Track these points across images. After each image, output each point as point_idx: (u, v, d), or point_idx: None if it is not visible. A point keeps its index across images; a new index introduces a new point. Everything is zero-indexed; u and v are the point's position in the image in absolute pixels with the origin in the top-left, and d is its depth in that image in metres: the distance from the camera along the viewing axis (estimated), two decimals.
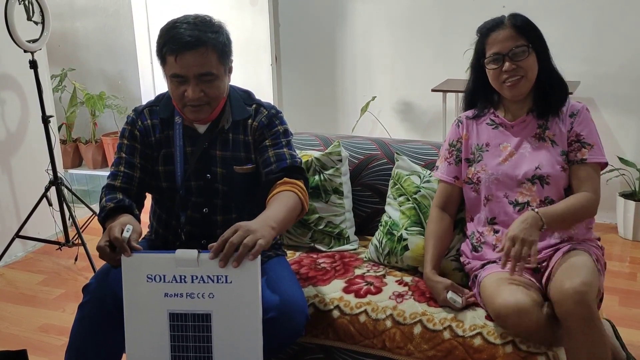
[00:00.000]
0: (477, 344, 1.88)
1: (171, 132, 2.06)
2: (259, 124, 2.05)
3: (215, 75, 1.93)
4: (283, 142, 2.05)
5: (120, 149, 2.08)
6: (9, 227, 3.67)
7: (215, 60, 1.92)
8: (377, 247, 2.31)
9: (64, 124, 4.92)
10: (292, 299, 1.89)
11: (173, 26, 1.91)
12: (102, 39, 4.99)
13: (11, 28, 3.25)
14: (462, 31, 4.10)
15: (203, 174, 2.04)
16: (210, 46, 1.89)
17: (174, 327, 1.74)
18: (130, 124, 2.09)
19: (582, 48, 3.81)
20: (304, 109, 4.69)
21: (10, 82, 3.69)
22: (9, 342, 2.76)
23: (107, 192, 2.02)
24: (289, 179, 1.97)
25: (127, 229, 1.75)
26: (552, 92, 2.05)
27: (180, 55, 1.87)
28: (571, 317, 1.73)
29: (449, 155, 2.18)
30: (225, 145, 2.05)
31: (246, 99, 2.11)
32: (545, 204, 1.99)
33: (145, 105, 2.13)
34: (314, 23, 4.58)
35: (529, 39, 2.00)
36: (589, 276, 1.77)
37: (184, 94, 1.92)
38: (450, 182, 2.16)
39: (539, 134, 2.05)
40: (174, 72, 1.91)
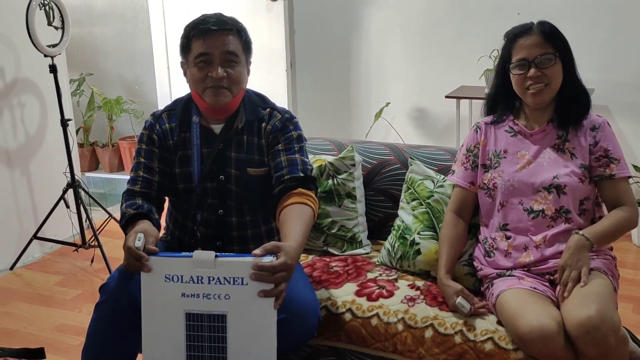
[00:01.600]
0: (488, 349, 1.89)
1: (188, 134, 2.09)
2: (272, 128, 2.09)
3: (239, 59, 2.02)
4: (295, 148, 2.08)
5: (139, 153, 2.12)
6: (27, 228, 3.72)
7: (240, 46, 2.03)
8: (389, 251, 2.33)
9: (81, 128, 4.99)
10: (304, 300, 1.91)
11: (199, 18, 2.03)
12: (120, 45, 5.05)
13: (32, 33, 3.31)
14: (476, 38, 4.13)
15: (217, 175, 2.08)
16: (235, 32, 2.02)
17: (190, 327, 1.77)
18: (148, 129, 2.12)
19: (596, 55, 3.81)
20: (318, 114, 4.71)
21: (31, 86, 3.76)
22: (27, 342, 2.80)
23: (127, 198, 2.06)
24: (304, 190, 2.00)
25: (139, 238, 1.78)
26: (574, 104, 2.05)
27: (208, 36, 1.98)
28: (585, 351, 1.72)
29: (465, 160, 2.18)
30: (239, 147, 2.08)
31: (260, 102, 2.15)
32: (560, 214, 2.00)
33: (163, 109, 2.17)
34: (329, 30, 4.61)
35: (557, 47, 2.00)
36: (604, 305, 1.74)
37: (207, 76, 2.00)
38: (465, 187, 2.17)
39: (558, 144, 2.05)
40: (200, 52, 1.99)
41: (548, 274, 1.98)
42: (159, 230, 2.02)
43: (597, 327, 1.69)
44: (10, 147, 3.65)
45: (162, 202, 2.15)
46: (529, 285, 1.93)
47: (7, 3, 3.53)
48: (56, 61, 3.49)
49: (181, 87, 2.13)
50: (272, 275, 1.70)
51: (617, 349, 1.73)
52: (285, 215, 1.94)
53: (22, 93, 3.71)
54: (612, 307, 1.79)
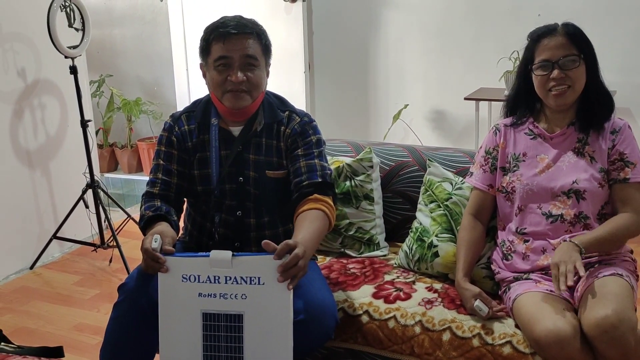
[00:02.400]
0: (506, 353, 1.87)
1: (207, 136, 2.10)
2: (291, 131, 2.09)
3: (258, 62, 2.02)
4: (315, 153, 2.08)
5: (158, 155, 2.13)
6: (47, 228, 3.76)
7: (259, 49, 2.03)
8: (407, 254, 2.32)
9: (101, 129, 5.03)
10: (322, 302, 1.91)
11: (219, 22, 2.03)
12: (139, 47, 5.09)
13: (53, 34, 3.34)
14: (496, 40, 4.10)
15: (236, 177, 2.08)
16: (255, 35, 2.01)
17: (207, 327, 1.77)
18: (167, 131, 2.13)
19: (618, 57, 3.77)
20: (337, 116, 4.71)
21: (51, 87, 3.79)
22: (45, 340, 2.82)
23: (146, 200, 2.08)
24: (319, 196, 2.00)
25: (155, 239, 1.79)
26: (597, 107, 2.01)
27: (228, 39, 1.98)
28: (604, 351, 1.70)
29: (484, 163, 2.16)
30: (258, 150, 2.08)
31: (279, 104, 2.15)
32: (579, 219, 1.97)
33: (182, 111, 2.18)
34: (348, 31, 4.61)
35: (581, 49, 1.98)
36: (621, 305, 1.72)
37: (226, 79, 2.00)
38: (484, 189, 2.15)
39: (578, 148, 2.02)
40: (220, 55, 1.99)
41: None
42: (178, 231, 2.03)
43: (615, 326, 1.67)
44: (31, 148, 3.69)
45: (181, 203, 2.16)
46: (545, 289, 1.91)
47: (28, 4, 3.57)
48: (76, 62, 3.52)
49: (200, 88, 2.14)
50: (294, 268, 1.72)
51: (637, 349, 1.70)
52: (298, 221, 1.96)
53: (42, 94, 3.74)
54: (630, 307, 1.76)
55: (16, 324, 3.04)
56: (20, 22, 3.57)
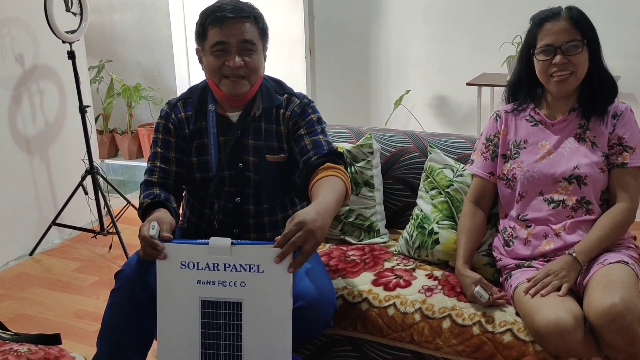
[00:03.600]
0: (506, 341, 1.86)
1: (204, 122, 2.07)
2: (291, 114, 2.06)
3: (256, 47, 1.98)
4: (318, 130, 2.05)
5: (156, 143, 2.11)
6: (46, 215, 3.75)
7: (257, 34, 1.98)
8: (407, 241, 2.30)
9: (101, 115, 5.00)
10: (320, 289, 1.89)
11: (216, 6, 1.98)
12: (139, 32, 5.05)
13: (50, 19, 3.31)
14: (498, 25, 4.06)
15: (235, 163, 2.06)
16: (252, 19, 1.97)
17: (205, 315, 1.76)
18: (164, 118, 2.11)
19: (622, 43, 3.73)
20: (338, 102, 4.68)
21: (49, 73, 3.77)
22: (45, 327, 2.82)
23: (144, 189, 2.06)
24: (332, 164, 1.96)
25: (152, 227, 1.77)
26: (600, 93, 1.99)
27: (224, 24, 1.94)
28: (610, 340, 1.68)
29: (485, 150, 2.14)
30: (257, 134, 2.06)
31: (277, 88, 2.12)
32: (581, 205, 1.95)
33: (178, 97, 2.15)
34: (349, 16, 4.57)
35: (584, 34, 1.94)
36: (628, 293, 1.69)
37: (223, 64, 1.96)
38: (485, 177, 2.13)
39: (579, 134, 2.00)
40: (217, 40, 1.95)
41: None
42: (177, 218, 2.01)
43: (622, 315, 1.64)
44: (30, 134, 3.67)
45: (181, 191, 2.14)
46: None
47: None
48: (74, 47, 3.49)
49: (200, 73, 2.10)
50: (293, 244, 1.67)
51: None
52: (315, 188, 1.89)
53: (40, 79, 3.72)
54: (636, 295, 1.73)
55: (15, 311, 3.04)
56: (17, 6, 3.53)
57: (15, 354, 1.70)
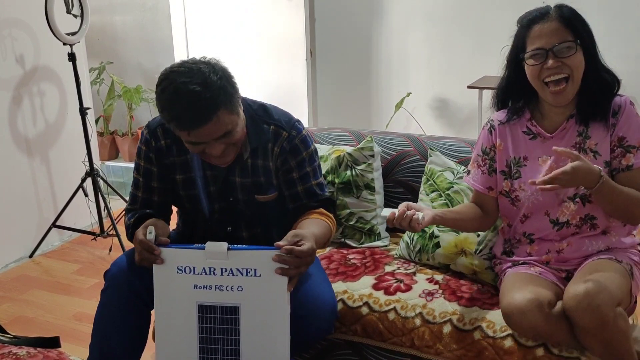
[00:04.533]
0: (507, 346, 1.85)
1: (189, 155, 1.95)
2: (280, 150, 1.94)
3: (232, 129, 1.79)
4: (310, 173, 1.99)
5: (138, 170, 2.02)
6: (46, 217, 3.74)
7: (228, 117, 1.76)
8: (408, 244, 2.29)
9: (101, 117, 5.00)
10: (321, 297, 1.89)
11: (175, 98, 1.72)
12: (140, 33, 5.05)
13: (51, 21, 3.31)
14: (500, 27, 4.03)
15: (226, 197, 1.99)
16: (221, 109, 1.73)
17: (203, 319, 1.75)
18: (145, 144, 1.98)
19: (624, 45, 3.72)
20: (338, 104, 4.67)
21: (50, 74, 3.76)
22: (44, 329, 2.81)
23: (129, 217, 2.01)
24: (324, 211, 1.97)
25: (150, 231, 1.77)
26: (599, 95, 1.84)
27: (194, 131, 1.73)
28: (580, 322, 1.67)
29: (482, 164, 2.01)
30: (244, 172, 1.96)
31: (264, 116, 1.96)
32: (585, 221, 1.88)
33: (157, 122, 1.96)
34: (350, 18, 4.56)
35: (577, 33, 1.79)
36: (605, 281, 1.68)
37: (204, 151, 1.82)
38: (484, 192, 2.01)
39: (578, 143, 1.86)
40: (189, 141, 1.78)
41: (566, 271, 1.92)
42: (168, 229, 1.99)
43: (591, 295, 1.63)
44: (30, 135, 3.66)
45: (168, 214, 2.09)
46: (536, 271, 1.90)
47: None
48: (75, 49, 3.49)
49: None
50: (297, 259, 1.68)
51: (616, 321, 1.65)
52: (304, 223, 1.90)
53: (41, 81, 3.71)
54: (615, 286, 1.70)
55: (15, 313, 3.03)
56: (18, 8, 3.53)
57: (14, 357, 1.69)
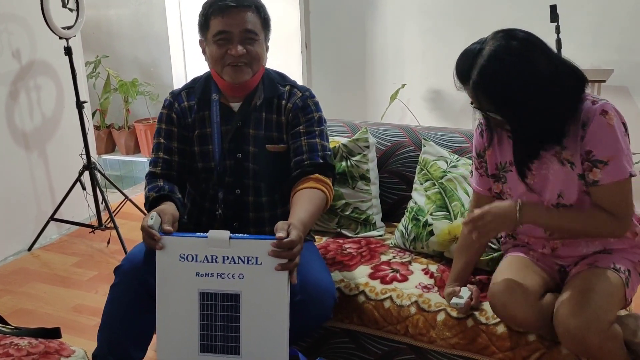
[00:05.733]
0: (500, 332, 1.89)
1: (207, 112, 2.09)
2: (293, 106, 2.08)
3: (258, 36, 2.00)
4: (317, 132, 2.07)
5: (159, 133, 2.12)
6: (44, 210, 3.76)
7: (259, 23, 2.01)
8: (402, 233, 2.32)
9: (97, 110, 5.02)
10: (321, 282, 1.92)
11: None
12: (136, 27, 5.06)
13: (47, 15, 3.31)
14: (494, 19, 4.07)
15: (234, 153, 2.08)
16: (254, 9, 2.00)
17: (204, 307, 1.78)
18: (167, 108, 2.13)
19: (616, 36, 3.75)
20: (334, 96, 4.69)
21: (46, 69, 3.77)
22: (44, 321, 2.83)
23: (149, 181, 2.07)
24: (320, 176, 2.00)
25: (151, 217, 1.80)
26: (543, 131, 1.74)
27: (227, 13, 1.96)
28: (569, 349, 1.75)
29: (479, 166, 2.00)
30: (258, 124, 2.07)
31: (279, 79, 2.14)
32: None
33: (182, 87, 2.17)
34: (345, 10, 4.58)
35: (495, 101, 1.72)
36: (596, 308, 1.68)
37: (226, 53, 1.98)
38: (484, 193, 2.00)
39: (557, 152, 1.79)
40: (220, 29, 1.97)
41: (561, 265, 1.93)
42: (184, 210, 2.03)
43: (579, 328, 1.66)
44: (27, 129, 3.68)
45: (184, 181, 2.16)
46: (533, 257, 1.93)
47: None
48: (71, 43, 3.50)
49: (196, 69, 2.12)
50: (290, 251, 1.72)
51: (602, 346, 1.66)
52: (296, 198, 1.95)
53: (38, 75, 3.72)
54: (607, 308, 1.70)
55: (15, 305, 3.05)
56: (14, 2, 3.53)
57: (16, 348, 1.72)
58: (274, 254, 1.72)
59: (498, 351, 1.89)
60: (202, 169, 2.10)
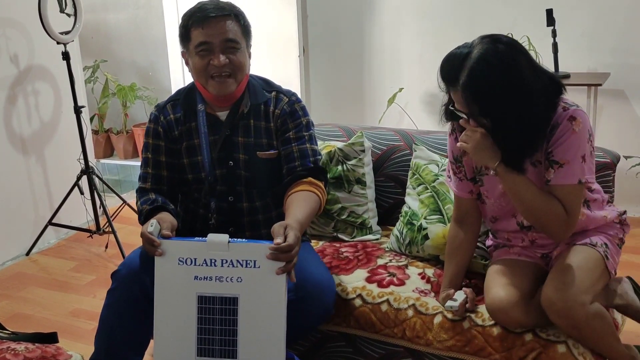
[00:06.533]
0: (496, 333, 1.89)
1: (194, 123, 2.10)
2: (281, 112, 2.09)
3: (239, 44, 2.00)
4: (306, 137, 2.09)
5: (147, 148, 2.13)
6: (43, 215, 3.77)
7: (239, 31, 2.01)
8: (398, 238, 2.33)
9: (96, 115, 5.02)
10: (319, 279, 1.95)
11: (197, 7, 2.02)
12: (134, 31, 5.06)
13: (44, 20, 3.32)
14: (491, 22, 4.08)
15: (226, 162, 2.09)
16: (234, 17, 2.00)
17: (202, 310, 1.79)
18: (153, 122, 2.14)
19: (612, 39, 3.75)
20: (332, 100, 4.70)
21: (44, 73, 3.78)
22: (42, 326, 2.84)
23: (140, 196, 2.09)
24: (313, 180, 2.02)
25: (151, 224, 1.81)
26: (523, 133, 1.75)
27: (207, 24, 1.96)
28: (555, 322, 1.78)
29: (457, 171, 2.02)
30: (246, 132, 2.08)
31: (264, 85, 2.15)
32: None
33: (167, 100, 2.18)
34: (343, 14, 4.58)
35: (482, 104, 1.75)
36: (577, 280, 1.75)
37: (209, 64, 1.98)
38: (465, 196, 2.03)
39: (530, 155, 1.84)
40: (200, 41, 1.97)
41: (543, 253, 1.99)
42: (179, 219, 2.04)
43: (562, 300, 1.72)
44: (25, 134, 3.69)
45: (175, 194, 2.17)
46: (515, 252, 1.98)
47: None
48: (69, 48, 3.51)
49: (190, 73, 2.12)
50: (288, 253, 1.73)
51: (590, 323, 1.75)
52: (291, 200, 1.97)
53: (36, 80, 3.73)
54: (587, 282, 1.78)
55: (12, 310, 3.06)
56: (11, 7, 3.55)
57: (13, 353, 1.73)
58: (273, 257, 1.73)
59: (494, 352, 1.89)
60: (193, 180, 2.12)
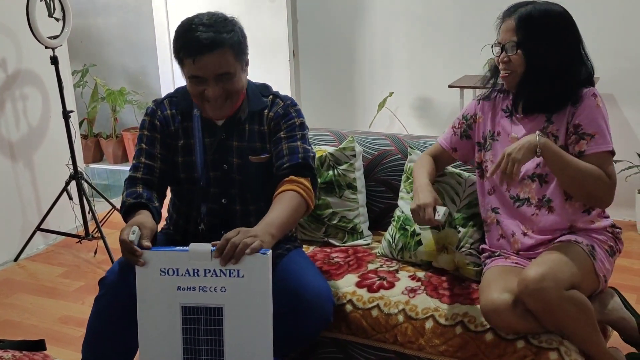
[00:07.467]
0: (489, 339, 1.89)
1: (190, 123, 2.09)
2: (274, 114, 2.07)
3: (232, 73, 1.95)
4: (298, 136, 2.06)
5: (141, 140, 2.11)
6: (31, 220, 3.73)
7: (232, 59, 1.93)
8: (390, 243, 2.32)
9: (85, 119, 5.00)
10: (316, 288, 1.93)
11: (189, 28, 1.92)
12: (123, 35, 5.05)
13: (32, 24, 3.30)
14: (480, 27, 4.08)
15: (220, 165, 2.07)
16: (226, 46, 1.91)
17: (186, 321, 1.76)
18: (150, 115, 2.12)
19: (601, 43, 3.76)
20: (322, 105, 4.70)
21: (32, 78, 3.75)
22: (30, 333, 2.81)
23: (128, 186, 2.06)
24: (295, 177, 1.98)
25: (133, 231, 1.78)
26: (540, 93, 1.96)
27: (198, 58, 1.89)
28: (528, 305, 1.78)
29: (457, 126, 2.18)
30: (241, 136, 2.07)
31: (263, 90, 2.13)
32: (543, 202, 1.97)
33: (164, 96, 2.17)
34: (332, 19, 4.59)
35: (526, 36, 1.93)
36: (555, 265, 1.78)
37: (203, 92, 1.95)
38: (447, 149, 2.19)
39: (545, 127, 1.97)
40: (193, 74, 1.93)
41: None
42: (159, 219, 2.02)
43: (537, 281, 1.74)
44: (13, 139, 3.66)
45: (165, 189, 2.14)
46: (512, 262, 1.99)
47: None
48: (57, 53, 3.49)
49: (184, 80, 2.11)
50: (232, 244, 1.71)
51: (562, 305, 1.75)
52: (272, 204, 1.95)
53: (24, 85, 3.71)
54: (565, 270, 1.79)
55: (0, 317, 3.02)
56: None
57: None
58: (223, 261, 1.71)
59: (486, 358, 1.89)
60: (186, 179, 2.10)
